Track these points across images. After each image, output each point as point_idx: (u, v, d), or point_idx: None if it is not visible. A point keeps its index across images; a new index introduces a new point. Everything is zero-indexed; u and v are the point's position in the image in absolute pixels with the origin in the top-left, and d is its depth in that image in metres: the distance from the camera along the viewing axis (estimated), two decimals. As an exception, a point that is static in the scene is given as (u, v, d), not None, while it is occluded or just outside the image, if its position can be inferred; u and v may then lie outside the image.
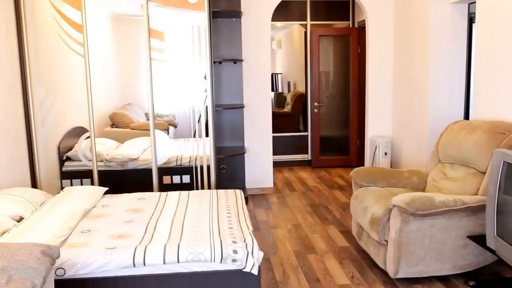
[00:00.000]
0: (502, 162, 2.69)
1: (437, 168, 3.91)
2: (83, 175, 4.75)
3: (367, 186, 3.97)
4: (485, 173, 3.38)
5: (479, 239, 3.08)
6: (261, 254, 2.69)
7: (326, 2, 7.52)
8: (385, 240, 3.30)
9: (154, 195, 3.86)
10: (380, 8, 5.85)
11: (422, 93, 5.03)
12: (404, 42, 5.55)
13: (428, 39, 4.86)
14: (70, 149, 4.78)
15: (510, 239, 2.61)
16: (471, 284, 3.11)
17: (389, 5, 5.84)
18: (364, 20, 6.17)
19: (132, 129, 5.08)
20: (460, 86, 4.89)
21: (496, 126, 3.44)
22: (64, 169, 4.77)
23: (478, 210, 3.21)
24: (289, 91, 8.33)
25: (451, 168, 3.75)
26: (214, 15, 5.21)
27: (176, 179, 4.88)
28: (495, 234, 2.76)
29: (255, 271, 2.63)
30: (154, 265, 2.57)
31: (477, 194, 3.37)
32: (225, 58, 5.53)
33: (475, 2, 4.10)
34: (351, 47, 7.19)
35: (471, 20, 4.77)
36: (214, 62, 5.34)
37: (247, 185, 5.85)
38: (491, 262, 3.38)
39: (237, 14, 5.40)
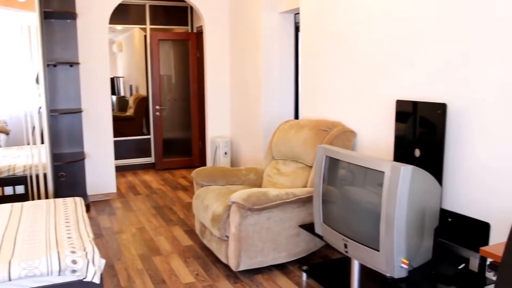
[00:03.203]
0: (324, 156, 3.01)
1: (271, 164, 4.21)
2: None
3: (208, 185, 4.12)
4: (312, 167, 3.74)
5: (309, 227, 3.38)
6: (103, 261, 2.65)
7: (165, 7, 7.56)
8: (226, 236, 3.47)
9: (-19, 210, 3.54)
10: (216, 14, 6.07)
11: (256, 96, 5.35)
12: (239, 48, 5.84)
13: (260, 46, 5.18)
14: None
15: (334, 224, 2.93)
16: (304, 268, 3.43)
17: (224, 12, 6.10)
18: (202, 26, 6.35)
19: (-47, 138, 4.60)
20: (290, 88, 5.31)
21: (320, 124, 3.82)
22: None
23: (307, 201, 3.54)
24: (131, 94, 8.19)
25: (284, 164, 4.07)
26: (47, 16, 4.93)
27: (9, 190, 4.54)
28: (321, 221, 3.07)
29: (97, 280, 2.57)
30: (-18, 285, 2.39)
31: (306, 187, 3.72)
32: (60, 61, 5.26)
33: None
34: (191, 52, 7.33)
35: (297, 29, 5.20)
36: (48, 65, 5.06)
37: (89, 192, 5.64)
38: (321, 247, 3.76)
39: (72, 15, 5.17)
